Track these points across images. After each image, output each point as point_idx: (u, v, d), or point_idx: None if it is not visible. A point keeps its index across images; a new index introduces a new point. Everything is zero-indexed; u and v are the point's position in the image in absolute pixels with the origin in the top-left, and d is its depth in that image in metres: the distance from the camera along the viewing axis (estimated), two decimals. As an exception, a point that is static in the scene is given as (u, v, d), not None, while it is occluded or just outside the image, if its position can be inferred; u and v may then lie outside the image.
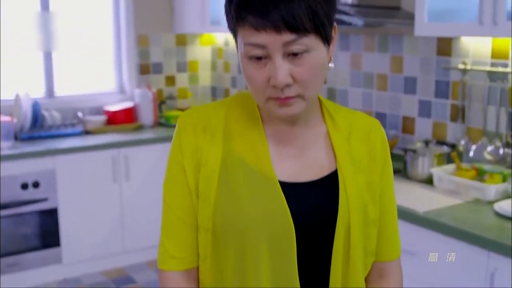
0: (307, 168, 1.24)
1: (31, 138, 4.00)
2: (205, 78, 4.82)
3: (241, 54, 1.14)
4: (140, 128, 4.34)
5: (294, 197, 1.20)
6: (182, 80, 4.75)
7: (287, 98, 1.12)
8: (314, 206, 1.21)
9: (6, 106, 4.05)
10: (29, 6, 4.20)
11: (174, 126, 3.69)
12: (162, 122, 4.45)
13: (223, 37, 4.54)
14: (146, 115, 4.37)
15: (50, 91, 4.35)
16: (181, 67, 4.73)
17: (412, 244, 2.40)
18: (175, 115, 4.40)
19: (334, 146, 1.25)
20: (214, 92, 4.78)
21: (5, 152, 3.73)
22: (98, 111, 4.40)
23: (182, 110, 4.50)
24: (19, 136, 3.98)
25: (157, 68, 4.64)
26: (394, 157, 3.10)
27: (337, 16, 2.86)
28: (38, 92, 4.28)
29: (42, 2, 4.22)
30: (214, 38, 4.70)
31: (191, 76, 4.78)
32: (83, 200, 3.93)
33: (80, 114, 4.26)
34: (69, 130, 4.13)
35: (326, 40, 1.13)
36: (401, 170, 3.01)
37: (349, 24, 2.92)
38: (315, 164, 1.24)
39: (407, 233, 2.43)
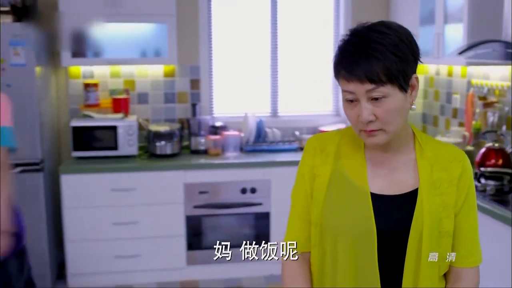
0: (394, 185, 1.56)
1: (253, 151, 4.67)
2: (417, 105, 5.05)
3: (342, 97, 1.52)
4: (349, 148, 4.75)
5: (380, 206, 1.54)
6: (394, 106, 5.04)
7: (371, 130, 1.47)
8: (395, 214, 1.54)
9: (236, 122, 4.78)
10: (262, 42, 4.91)
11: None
12: (371, 144, 4.80)
13: (435, 67, 4.75)
14: (356, 137, 4.77)
15: (274, 111, 4.99)
16: (394, 94, 5.03)
17: None
18: (383, 138, 4.72)
19: (419, 170, 1.55)
20: (425, 118, 4.99)
21: (231, 160, 4.45)
22: (314, 131, 4.91)
23: (391, 134, 4.80)
24: (244, 148, 4.67)
25: (370, 94, 5.02)
26: None
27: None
28: (263, 111, 4.95)
29: (273, 39, 4.90)
30: (427, 68, 4.92)
31: (403, 102, 5.06)
32: (292, 208, 4.45)
33: (297, 133, 4.83)
34: (287, 146, 4.71)
35: (403, 88, 1.44)
36: None
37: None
38: (400, 183, 1.56)
39: None
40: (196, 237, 4.40)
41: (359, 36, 1.45)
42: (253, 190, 4.40)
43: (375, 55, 1.41)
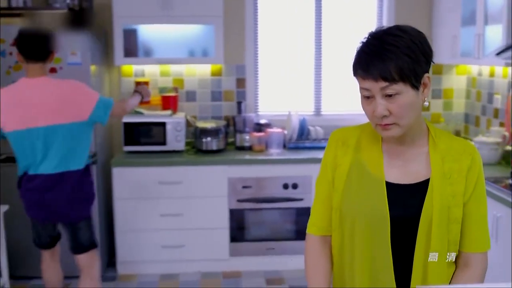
0: (408, 175, 1.70)
1: (296, 148, 4.81)
2: (459, 105, 5.10)
3: (360, 94, 1.66)
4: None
5: (395, 194, 1.68)
6: (436, 106, 5.10)
7: (386, 124, 1.61)
8: (408, 202, 1.67)
9: (280, 120, 4.93)
10: (306, 44, 5.06)
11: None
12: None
13: (477, 67, 4.79)
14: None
15: (317, 110, 5.13)
16: (436, 94, 5.09)
17: None
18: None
19: (431, 162, 1.68)
20: (467, 118, 5.03)
21: (274, 157, 4.60)
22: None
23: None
24: (287, 145, 4.83)
25: (413, 94, 5.09)
26: None
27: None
28: (307, 110, 5.09)
29: (316, 39, 5.04)
30: (470, 69, 4.96)
31: (445, 103, 5.11)
32: (332, 204, 4.58)
33: (339, 131, 4.94)
34: (329, 143, 4.83)
35: (415, 86, 1.57)
36: None
37: None
38: (414, 173, 1.70)
39: None
40: (239, 230, 4.58)
41: (375, 39, 1.59)
42: (294, 186, 4.55)
43: (389, 56, 1.54)
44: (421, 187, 1.66)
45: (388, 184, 1.68)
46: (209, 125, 4.72)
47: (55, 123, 3.28)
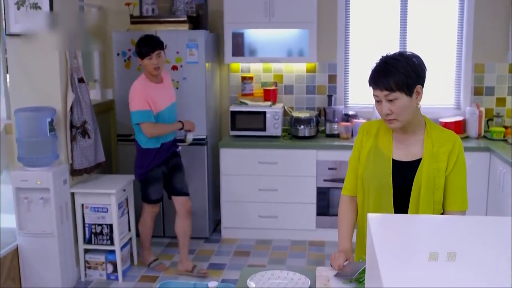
0: (408, 155, 2.40)
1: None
2: (534, 103, 5.52)
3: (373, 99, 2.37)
4: (466, 138, 5.37)
5: (398, 168, 2.38)
6: (512, 102, 5.56)
7: (389, 120, 2.32)
8: (406, 173, 2.37)
9: (366, 111, 5.59)
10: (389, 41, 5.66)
11: (497, 140, 4.71)
12: (487, 136, 5.37)
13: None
14: (472, 129, 5.37)
15: (400, 103, 5.72)
16: (512, 91, 5.55)
17: None
18: (499, 130, 5.28)
19: (424, 146, 2.37)
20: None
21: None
22: (435, 122, 5.56)
23: (506, 127, 5.34)
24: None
25: (489, 91, 5.56)
26: None
27: None
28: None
29: (401, 39, 5.63)
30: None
31: (521, 100, 5.55)
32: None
33: (419, 123, 5.52)
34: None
35: (408, 94, 2.26)
36: None
37: None
38: (412, 153, 2.40)
39: None
40: (325, 205, 5.33)
41: (383, 61, 2.31)
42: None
43: (390, 74, 2.25)
44: (417, 163, 2.36)
45: (394, 161, 2.39)
46: (303, 115, 5.48)
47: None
